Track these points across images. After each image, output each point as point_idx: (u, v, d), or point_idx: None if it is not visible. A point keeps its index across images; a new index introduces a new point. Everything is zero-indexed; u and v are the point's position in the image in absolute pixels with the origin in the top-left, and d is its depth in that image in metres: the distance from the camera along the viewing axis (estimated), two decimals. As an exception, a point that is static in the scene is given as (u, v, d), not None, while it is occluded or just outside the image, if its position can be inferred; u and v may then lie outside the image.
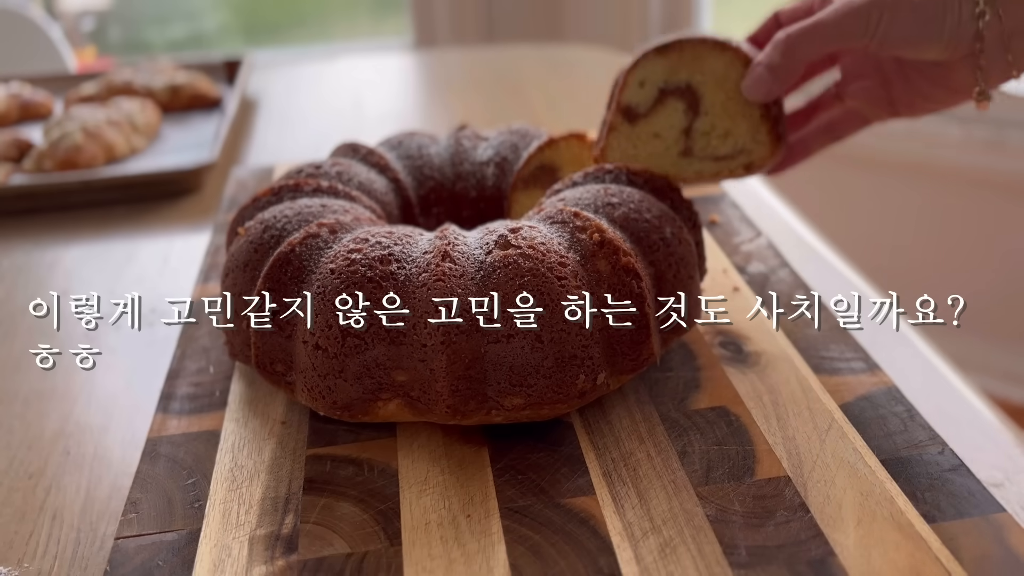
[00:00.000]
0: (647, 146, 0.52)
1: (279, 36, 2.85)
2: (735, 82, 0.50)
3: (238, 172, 0.81)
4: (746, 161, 0.51)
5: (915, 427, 0.44)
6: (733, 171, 0.51)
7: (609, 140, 0.52)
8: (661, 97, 0.51)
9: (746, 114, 0.51)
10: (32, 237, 0.78)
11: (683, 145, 0.51)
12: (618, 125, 0.52)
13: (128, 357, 0.59)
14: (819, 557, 0.37)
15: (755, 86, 0.49)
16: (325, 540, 0.39)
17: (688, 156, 0.51)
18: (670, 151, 0.52)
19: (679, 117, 0.51)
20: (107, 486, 0.48)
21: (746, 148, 0.51)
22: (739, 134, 0.51)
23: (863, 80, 0.54)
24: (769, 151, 0.51)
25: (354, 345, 0.43)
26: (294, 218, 0.49)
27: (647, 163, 0.52)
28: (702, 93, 0.51)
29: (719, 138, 0.51)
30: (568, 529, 0.39)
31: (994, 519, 0.38)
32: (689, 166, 0.52)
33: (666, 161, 0.52)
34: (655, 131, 0.51)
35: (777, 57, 0.48)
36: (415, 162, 0.61)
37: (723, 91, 0.50)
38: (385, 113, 1.07)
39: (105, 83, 1.05)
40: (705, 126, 0.51)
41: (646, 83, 0.51)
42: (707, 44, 0.50)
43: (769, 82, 0.49)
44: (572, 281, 0.43)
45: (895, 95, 0.53)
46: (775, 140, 0.51)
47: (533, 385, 0.43)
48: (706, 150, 0.51)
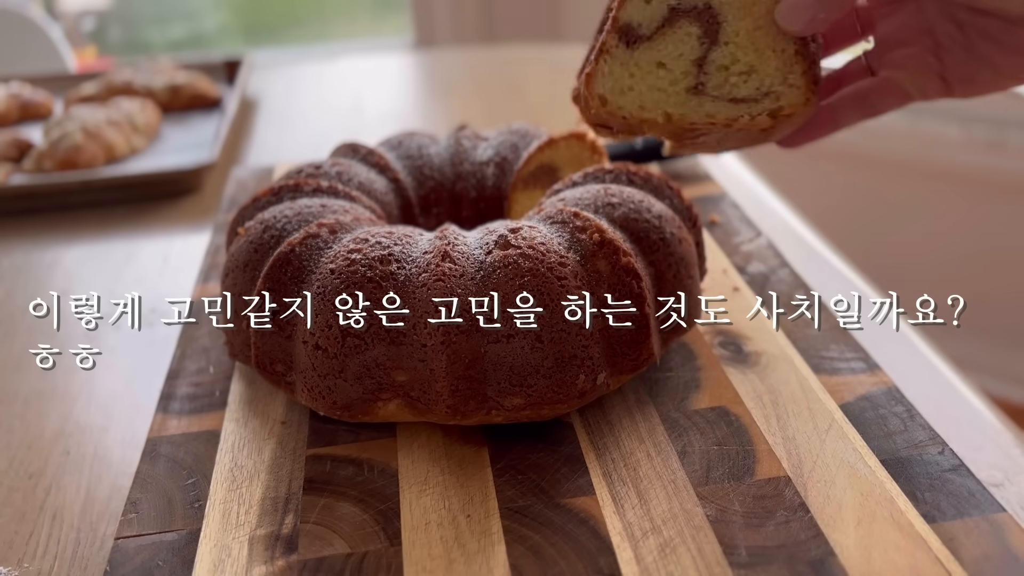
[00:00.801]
0: (648, 77, 0.42)
1: (279, 36, 2.85)
2: (767, 7, 0.42)
3: (238, 172, 0.81)
4: (772, 106, 0.42)
5: (915, 427, 0.44)
6: (755, 117, 0.42)
7: (599, 66, 0.42)
8: (671, 17, 0.42)
9: (777, 48, 0.42)
10: (32, 237, 0.78)
11: (693, 79, 0.42)
12: (612, 48, 0.42)
13: (128, 357, 0.59)
14: (819, 557, 0.37)
15: (795, 12, 0.40)
16: (325, 540, 0.39)
17: (699, 94, 0.42)
18: (676, 86, 0.43)
19: (692, 44, 0.42)
20: (107, 486, 0.48)
21: (774, 90, 0.42)
22: (766, 72, 0.42)
23: (908, 47, 0.44)
24: (802, 97, 0.42)
25: (354, 345, 0.43)
26: (294, 218, 0.49)
27: (645, 98, 0.42)
28: (724, 17, 0.42)
29: (740, 75, 0.42)
30: (568, 529, 0.39)
31: (994, 519, 0.38)
32: (699, 106, 0.42)
33: (670, 97, 0.42)
34: (659, 59, 0.42)
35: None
36: (415, 162, 0.61)
37: (751, 17, 0.42)
38: (385, 113, 1.07)
39: (105, 83, 1.05)
40: (724, 58, 0.42)
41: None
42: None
43: (813, 7, 0.40)
44: (572, 281, 0.43)
45: (950, 65, 0.43)
46: (810, 85, 0.42)
47: (533, 385, 0.43)
48: (722, 88, 0.42)
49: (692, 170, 0.77)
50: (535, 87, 1.12)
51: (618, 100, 0.42)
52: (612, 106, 0.42)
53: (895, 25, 0.44)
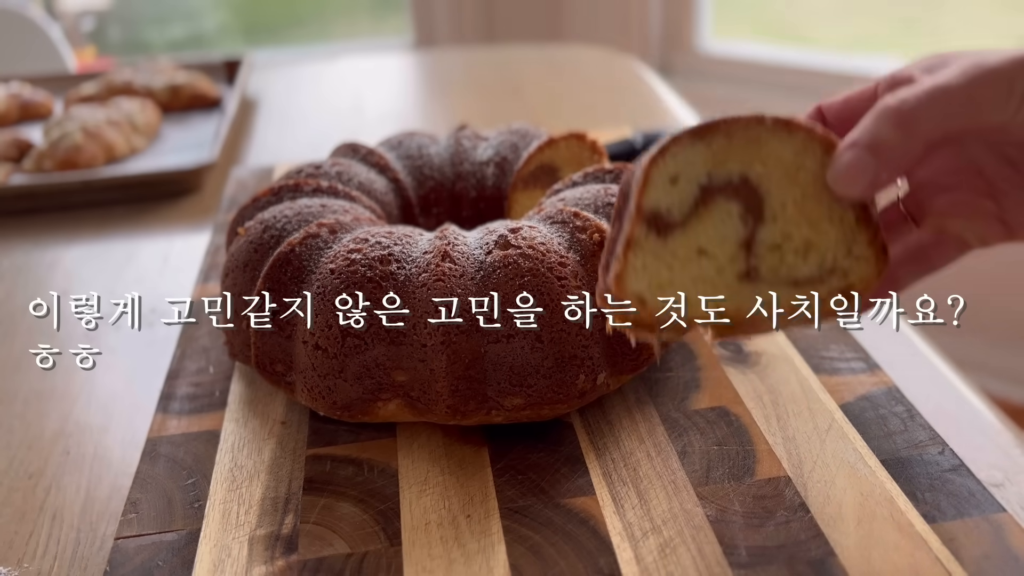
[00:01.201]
0: (689, 268, 0.35)
1: (279, 36, 2.85)
2: (814, 174, 0.35)
3: (238, 172, 0.81)
4: (841, 284, 0.36)
5: (915, 427, 0.44)
6: (824, 301, 0.36)
7: (629, 262, 0.35)
8: (704, 197, 0.35)
9: (834, 218, 0.36)
10: (32, 237, 0.78)
11: (744, 264, 0.36)
12: (642, 239, 0.35)
13: (128, 357, 0.59)
14: (819, 557, 0.37)
15: (851, 177, 0.34)
16: (325, 540, 0.39)
17: (753, 280, 0.36)
18: (724, 274, 0.36)
19: (734, 225, 0.35)
20: (107, 486, 0.48)
21: (839, 266, 0.36)
22: (827, 246, 0.36)
23: (955, 192, 0.39)
24: (874, 269, 0.36)
25: (354, 345, 0.43)
26: (294, 218, 0.49)
27: (691, 293, 0.35)
28: (765, 190, 0.35)
29: (797, 253, 0.36)
30: (568, 529, 0.39)
31: (994, 519, 0.38)
32: (756, 294, 0.36)
33: (721, 288, 0.36)
34: (699, 245, 0.35)
35: (888, 131, 0.33)
36: (415, 162, 0.61)
37: (796, 186, 0.35)
38: (385, 113, 1.07)
39: (105, 83, 1.05)
40: (774, 236, 0.36)
41: (680, 178, 0.35)
42: (765, 123, 0.35)
43: (873, 169, 0.34)
44: (572, 281, 0.43)
45: (1010, 208, 0.38)
46: (880, 254, 0.36)
47: (533, 385, 0.43)
48: (779, 270, 0.36)
49: (692, 170, 0.77)
50: (535, 87, 1.12)
51: (659, 298, 0.35)
52: (653, 306, 0.35)
53: (936, 169, 0.39)
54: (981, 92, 0.33)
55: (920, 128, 0.33)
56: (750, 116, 0.35)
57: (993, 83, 0.33)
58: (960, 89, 0.33)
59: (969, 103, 0.33)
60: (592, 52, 1.27)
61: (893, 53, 1.92)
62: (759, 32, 2.15)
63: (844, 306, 0.36)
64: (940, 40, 1.98)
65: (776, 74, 1.80)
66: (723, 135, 0.35)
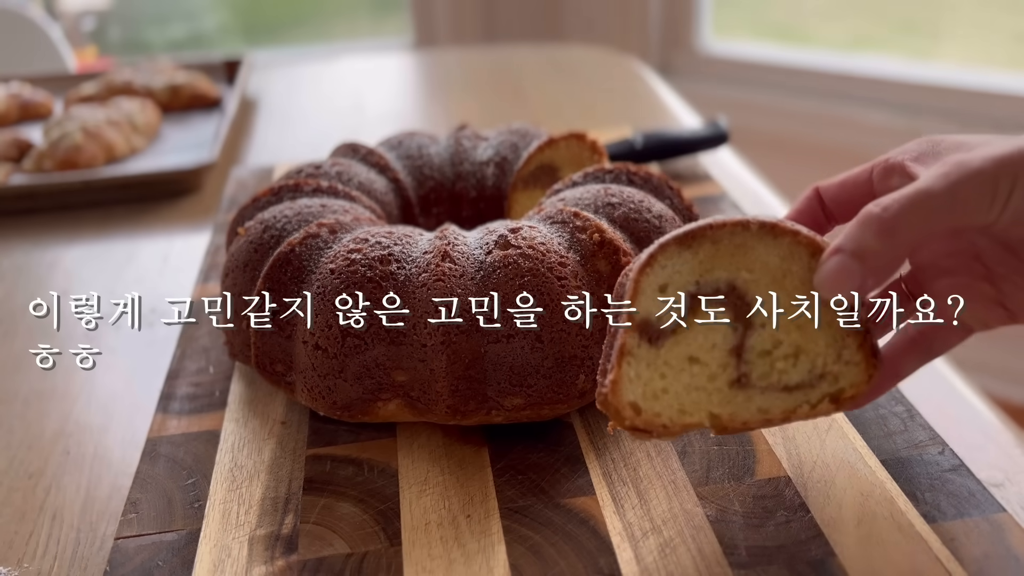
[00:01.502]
0: (682, 376, 0.36)
1: (279, 36, 2.85)
2: (801, 278, 0.36)
3: (238, 172, 0.81)
4: (831, 389, 0.36)
5: (915, 427, 0.44)
6: (815, 406, 0.36)
7: (623, 371, 0.35)
8: (693, 305, 0.36)
9: (824, 323, 0.36)
10: (32, 237, 0.78)
11: (735, 371, 0.36)
12: (634, 348, 0.36)
13: (128, 357, 0.59)
14: (819, 557, 0.37)
15: (837, 283, 0.34)
16: (325, 540, 0.39)
17: (744, 387, 0.36)
18: (716, 381, 0.36)
19: (723, 331, 0.36)
20: (107, 486, 0.48)
21: (829, 371, 0.36)
22: (816, 351, 0.36)
23: (955, 276, 0.39)
24: (864, 372, 0.36)
25: (354, 345, 0.43)
26: (294, 218, 0.49)
27: (684, 400, 0.36)
28: (753, 296, 0.36)
29: (787, 359, 0.36)
30: (568, 529, 0.39)
31: (994, 519, 0.38)
32: (747, 401, 0.36)
33: (713, 396, 0.36)
34: (690, 353, 0.36)
35: (870, 239, 0.34)
36: (415, 162, 0.61)
37: (783, 291, 0.36)
38: (385, 113, 1.07)
39: (105, 83, 1.05)
40: (763, 342, 0.36)
41: (669, 287, 0.36)
42: (750, 228, 0.36)
43: (858, 276, 0.34)
44: (572, 281, 0.43)
45: (1010, 293, 0.37)
46: (870, 355, 0.36)
47: (533, 385, 0.43)
48: (770, 377, 0.36)
49: (692, 170, 0.77)
50: (535, 87, 1.12)
51: (653, 406, 0.36)
52: (648, 414, 0.36)
53: (935, 252, 0.39)
54: (963, 196, 0.33)
55: (902, 236, 0.33)
56: (736, 221, 0.36)
57: (975, 186, 0.33)
58: (942, 194, 0.33)
59: (951, 208, 0.33)
60: (592, 52, 1.27)
61: (893, 53, 1.92)
62: (759, 32, 2.15)
63: (833, 410, 0.37)
64: (940, 40, 1.98)
65: (776, 74, 1.80)
66: (709, 242, 0.36)
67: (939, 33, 1.99)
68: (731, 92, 1.83)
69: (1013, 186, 0.33)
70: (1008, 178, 0.32)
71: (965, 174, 0.33)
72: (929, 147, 0.37)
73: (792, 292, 0.36)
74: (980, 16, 1.95)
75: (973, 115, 1.58)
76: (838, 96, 1.72)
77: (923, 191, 0.33)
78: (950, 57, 1.93)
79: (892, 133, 1.65)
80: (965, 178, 0.33)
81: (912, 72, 1.69)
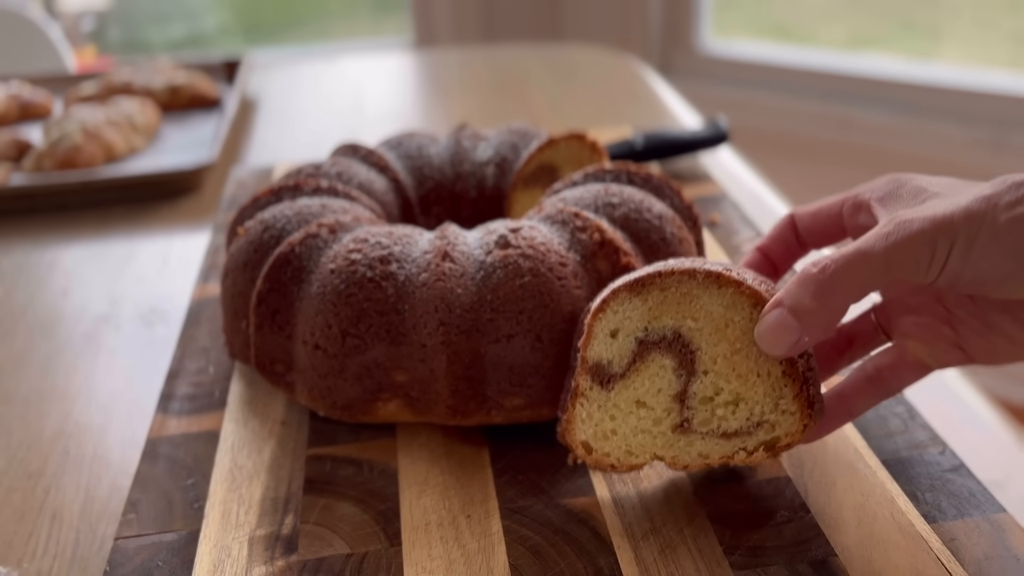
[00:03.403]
0: (629, 419, 0.38)
1: (279, 36, 2.85)
2: (742, 328, 0.37)
3: (238, 172, 0.81)
4: (767, 437, 0.37)
5: (916, 427, 0.44)
6: (751, 453, 0.38)
7: (576, 411, 0.38)
8: (641, 351, 0.38)
9: (762, 372, 0.37)
10: (31, 237, 0.78)
11: (678, 416, 0.38)
12: (587, 390, 0.38)
13: (128, 357, 0.59)
14: (820, 558, 0.37)
15: (775, 337, 0.35)
16: (325, 540, 0.39)
17: (686, 432, 0.38)
18: (660, 425, 0.38)
19: (668, 378, 0.38)
20: (107, 486, 0.48)
21: (766, 419, 0.37)
22: (755, 400, 0.37)
23: (919, 315, 0.39)
24: (799, 422, 0.37)
25: (354, 345, 0.43)
26: (294, 218, 0.49)
27: (631, 442, 0.38)
28: (696, 345, 0.37)
29: (727, 406, 0.38)
30: (568, 529, 0.39)
31: (995, 519, 0.38)
32: (689, 445, 0.38)
33: (657, 439, 0.38)
34: (637, 397, 0.38)
35: (807, 298, 0.35)
36: (415, 162, 0.61)
37: (726, 342, 0.37)
38: (385, 113, 1.07)
39: (104, 83, 1.05)
40: (705, 389, 0.38)
41: (619, 332, 0.38)
42: (696, 277, 0.37)
43: (795, 332, 0.35)
44: (572, 281, 0.43)
45: (967, 336, 0.38)
46: (805, 406, 0.37)
47: (533, 385, 0.43)
48: (710, 423, 0.38)
49: (692, 170, 0.77)
50: (535, 87, 1.12)
51: (603, 446, 0.38)
52: (598, 453, 0.38)
53: (903, 288, 0.40)
54: (900, 259, 0.33)
55: (837, 297, 0.34)
56: (683, 270, 0.37)
57: (913, 248, 0.33)
58: (880, 256, 0.34)
59: (888, 269, 0.34)
60: (592, 52, 1.27)
61: (893, 53, 1.92)
62: (759, 32, 2.15)
63: (768, 458, 0.38)
64: (940, 40, 1.98)
65: (776, 74, 1.80)
66: (658, 289, 0.37)
67: (939, 33, 1.99)
68: (731, 92, 1.83)
69: (951, 248, 0.33)
70: (946, 240, 0.33)
71: (904, 236, 0.33)
72: (894, 188, 0.38)
73: (734, 341, 0.37)
74: (980, 16, 1.95)
75: (973, 115, 1.58)
76: (838, 96, 1.72)
77: (862, 252, 0.34)
78: (950, 57, 1.93)
79: (892, 133, 1.65)
80: (904, 240, 0.33)
81: (912, 72, 1.69)
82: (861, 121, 1.68)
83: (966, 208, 0.33)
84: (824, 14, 2.13)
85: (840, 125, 1.70)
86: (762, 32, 2.15)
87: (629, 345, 0.38)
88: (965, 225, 0.33)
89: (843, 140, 1.70)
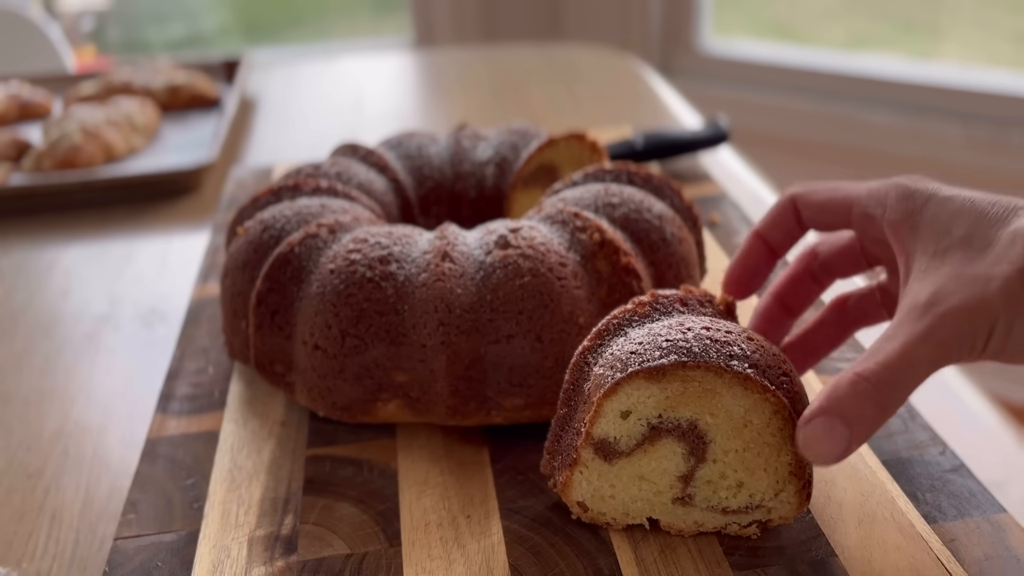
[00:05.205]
0: (629, 489, 0.38)
1: (278, 36, 2.85)
2: (759, 431, 0.37)
3: (237, 172, 0.81)
4: (762, 518, 0.38)
5: (916, 427, 0.44)
6: (743, 528, 0.38)
7: (574, 476, 0.38)
8: (652, 435, 0.37)
9: (770, 467, 0.37)
10: (31, 237, 0.78)
11: (680, 492, 0.38)
12: (588, 461, 0.38)
13: (128, 357, 0.59)
14: (820, 558, 0.37)
15: (825, 446, 0.34)
16: (325, 541, 0.39)
17: (685, 504, 0.38)
18: (661, 496, 0.38)
19: (676, 462, 0.38)
20: (106, 486, 0.48)
21: (764, 504, 0.38)
22: (757, 488, 0.38)
23: None
24: (793, 511, 0.38)
25: (354, 345, 0.43)
26: (293, 218, 0.49)
27: (629, 507, 0.39)
28: (711, 439, 0.37)
29: (729, 489, 0.38)
30: (568, 529, 0.39)
31: (995, 520, 0.38)
32: (686, 515, 0.39)
33: (656, 507, 0.39)
34: (640, 474, 0.38)
35: (869, 409, 0.34)
36: (415, 162, 0.60)
37: (741, 439, 0.37)
38: (385, 113, 1.07)
39: (104, 83, 1.05)
40: (711, 474, 0.38)
41: (631, 415, 0.37)
42: (724, 376, 0.36)
43: (845, 441, 0.34)
44: (572, 281, 0.43)
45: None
46: (804, 500, 0.38)
47: (533, 385, 0.43)
48: (710, 500, 0.38)
49: (692, 170, 0.77)
50: (535, 87, 1.12)
51: (600, 506, 0.39)
52: (594, 512, 0.39)
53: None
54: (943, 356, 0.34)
55: (894, 405, 0.34)
56: (709, 365, 0.36)
57: (955, 342, 0.33)
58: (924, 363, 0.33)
59: (932, 367, 0.34)
60: (592, 52, 1.27)
61: (893, 53, 1.92)
62: (759, 32, 2.15)
63: (755, 532, 0.39)
64: (941, 40, 1.98)
65: (776, 73, 1.80)
66: (679, 381, 0.36)
67: (940, 33, 1.99)
68: (731, 92, 1.83)
69: (991, 332, 0.33)
70: (986, 324, 0.33)
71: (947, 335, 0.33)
72: (906, 214, 0.37)
73: (748, 441, 0.37)
74: (981, 15, 1.95)
75: (973, 115, 1.58)
76: (838, 96, 1.72)
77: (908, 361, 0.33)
78: (951, 57, 1.93)
79: (892, 133, 1.65)
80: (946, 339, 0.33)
81: (912, 72, 1.69)
82: (861, 121, 1.68)
83: (1003, 290, 0.33)
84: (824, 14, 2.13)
85: (840, 125, 1.70)
86: (762, 32, 2.15)
87: (640, 428, 0.37)
88: (1005, 308, 0.33)
89: (843, 140, 1.70)
